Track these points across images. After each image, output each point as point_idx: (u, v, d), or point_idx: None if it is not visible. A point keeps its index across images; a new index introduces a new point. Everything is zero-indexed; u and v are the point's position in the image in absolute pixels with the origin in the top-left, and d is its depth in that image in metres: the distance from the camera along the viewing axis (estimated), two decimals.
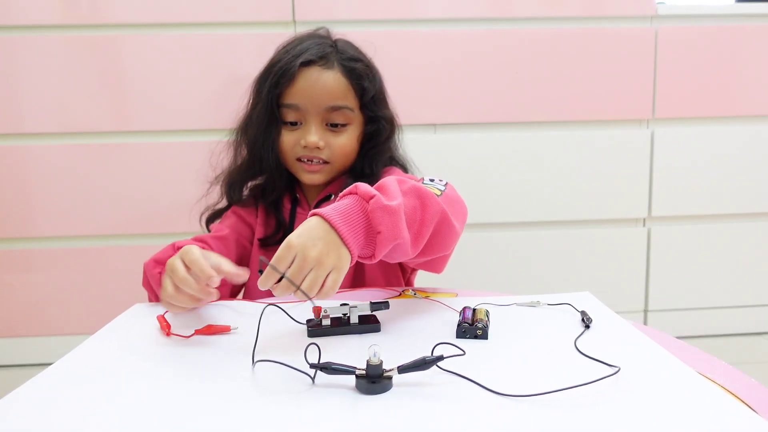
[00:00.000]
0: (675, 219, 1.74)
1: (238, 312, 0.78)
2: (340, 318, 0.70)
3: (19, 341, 1.65)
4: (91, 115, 1.56)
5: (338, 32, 1.01)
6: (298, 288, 0.61)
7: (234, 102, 1.05)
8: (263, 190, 1.00)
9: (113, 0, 1.52)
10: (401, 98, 1.68)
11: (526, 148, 1.66)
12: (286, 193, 1.02)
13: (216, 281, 0.68)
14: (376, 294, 0.88)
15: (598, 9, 1.63)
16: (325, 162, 0.95)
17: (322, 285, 0.62)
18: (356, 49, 0.99)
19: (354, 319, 0.70)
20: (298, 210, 1.00)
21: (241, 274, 0.71)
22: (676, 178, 1.71)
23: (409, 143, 1.15)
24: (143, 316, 0.78)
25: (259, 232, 1.00)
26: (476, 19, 1.61)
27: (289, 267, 0.62)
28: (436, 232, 0.73)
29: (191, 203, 1.18)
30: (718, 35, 1.66)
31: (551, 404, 0.51)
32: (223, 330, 0.71)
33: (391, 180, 0.73)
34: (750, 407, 0.50)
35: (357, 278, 0.98)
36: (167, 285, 0.72)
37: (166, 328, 0.72)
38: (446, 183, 0.84)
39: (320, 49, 0.94)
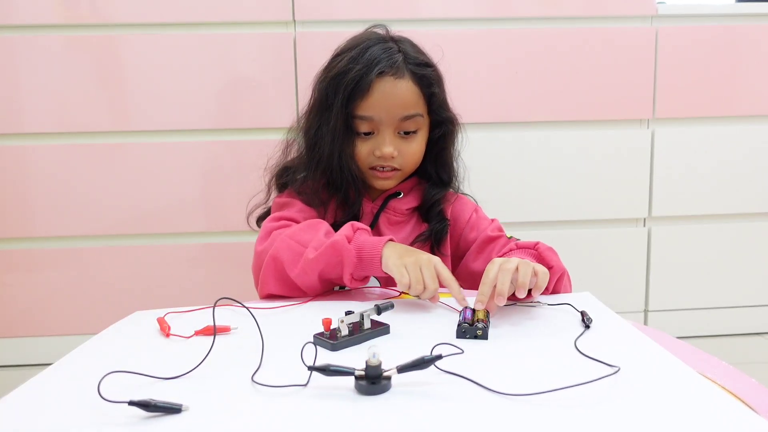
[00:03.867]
0: (675, 219, 1.74)
1: (237, 313, 0.78)
2: (351, 326, 0.69)
3: (19, 341, 1.65)
4: (91, 115, 1.56)
5: (340, 32, 1.01)
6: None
7: (234, 102, 1.06)
8: (335, 193, 0.99)
9: (113, 0, 1.52)
10: None
11: (526, 148, 1.65)
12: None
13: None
14: (376, 294, 0.88)
15: (598, 9, 1.63)
16: (397, 169, 0.97)
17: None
18: (420, 51, 0.99)
19: (367, 325, 0.69)
20: (363, 202, 1.01)
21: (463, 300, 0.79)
22: (676, 178, 1.71)
23: None
24: (143, 320, 0.78)
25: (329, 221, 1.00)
26: (476, 19, 1.61)
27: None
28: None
29: (191, 203, 1.19)
30: (718, 35, 1.66)
31: (551, 404, 0.51)
32: (223, 330, 0.71)
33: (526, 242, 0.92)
34: (750, 407, 0.50)
35: None
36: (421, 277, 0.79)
37: (166, 329, 0.72)
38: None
39: (389, 57, 0.93)
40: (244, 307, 0.74)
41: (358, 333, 0.68)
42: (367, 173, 0.98)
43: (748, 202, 1.74)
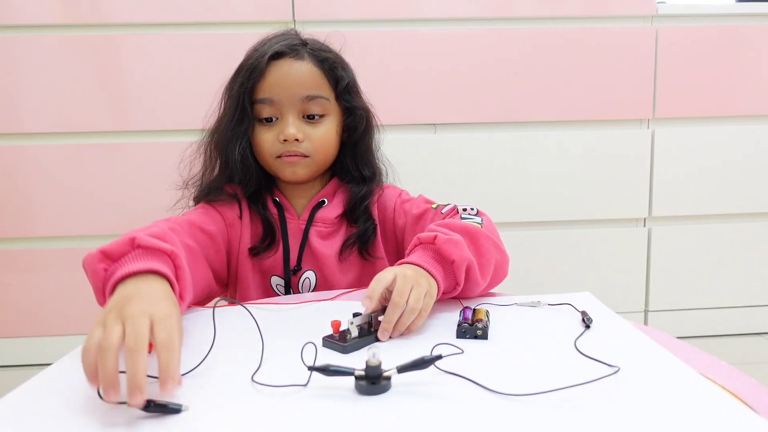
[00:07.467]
0: (675, 219, 1.74)
1: (237, 314, 0.78)
2: (361, 327, 0.68)
3: (19, 341, 1.65)
4: (90, 115, 1.56)
5: (340, 32, 1.01)
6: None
7: None
8: (243, 192, 0.95)
9: (113, 0, 1.52)
10: (401, 98, 1.67)
11: (526, 148, 1.66)
12: (268, 198, 0.97)
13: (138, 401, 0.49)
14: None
15: (598, 9, 1.63)
16: (305, 155, 0.92)
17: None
18: (325, 44, 0.98)
19: (376, 325, 0.68)
20: (287, 216, 0.96)
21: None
22: (676, 178, 1.71)
23: (409, 143, 1.15)
24: None
25: (246, 239, 0.95)
26: (476, 19, 1.61)
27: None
28: (495, 261, 0.81)
29: (191, 203, 1.18)
30: (718, 35, 1.66)
31: (551, 404, 0.51)
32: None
33: (436, 226, 0.80)
34: (750, 407, 0.50)
35: (363, 282, 0.97)
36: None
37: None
38: (477, 211, 0.88)
39: (289, 42, 0.92)
40: (244, 307, 0.74)
41: (368, 334, 0.67)
42: (275, 164, 0.92)
43: (748, 202, 1.74)
